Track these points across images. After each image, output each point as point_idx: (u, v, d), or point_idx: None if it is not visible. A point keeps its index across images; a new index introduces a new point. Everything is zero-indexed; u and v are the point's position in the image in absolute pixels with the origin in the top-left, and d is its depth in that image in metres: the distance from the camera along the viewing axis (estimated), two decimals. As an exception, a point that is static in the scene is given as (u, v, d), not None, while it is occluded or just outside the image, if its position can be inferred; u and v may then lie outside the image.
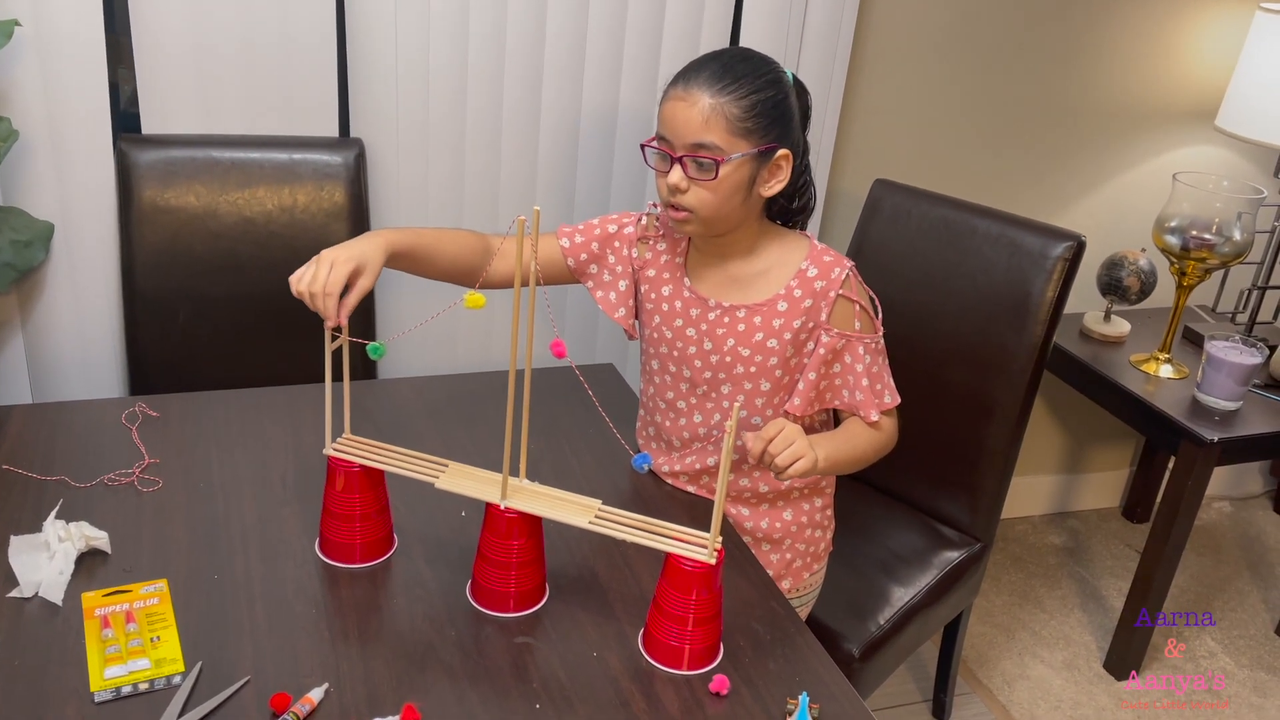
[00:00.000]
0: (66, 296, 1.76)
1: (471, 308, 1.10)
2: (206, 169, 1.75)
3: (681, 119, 1.28)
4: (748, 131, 1.29)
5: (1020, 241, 1.76)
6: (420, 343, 2.00)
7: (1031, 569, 2.61)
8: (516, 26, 1.81)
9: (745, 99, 1.28)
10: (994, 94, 2.26)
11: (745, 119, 1.28)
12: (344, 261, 1.21)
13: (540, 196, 1.96)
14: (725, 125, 1.27)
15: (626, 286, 1.48)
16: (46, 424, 1.48)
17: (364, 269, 1.23)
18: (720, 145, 1.28)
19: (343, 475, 1.23)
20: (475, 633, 1.18)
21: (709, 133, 1.28)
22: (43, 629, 1.12)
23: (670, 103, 1.30)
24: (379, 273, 1.25)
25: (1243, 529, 2.88)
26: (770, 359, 1.39)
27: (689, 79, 1.29)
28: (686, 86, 1.29)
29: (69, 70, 1.64)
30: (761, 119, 1.29)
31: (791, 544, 1.52)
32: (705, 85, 1.28)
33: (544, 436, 1.58)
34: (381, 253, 1.26)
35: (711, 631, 1.16)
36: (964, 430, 1.83)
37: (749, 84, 1.28)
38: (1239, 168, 2.51)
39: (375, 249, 1.26)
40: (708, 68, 1.29)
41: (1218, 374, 2.06)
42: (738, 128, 1.28)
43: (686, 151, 1.29)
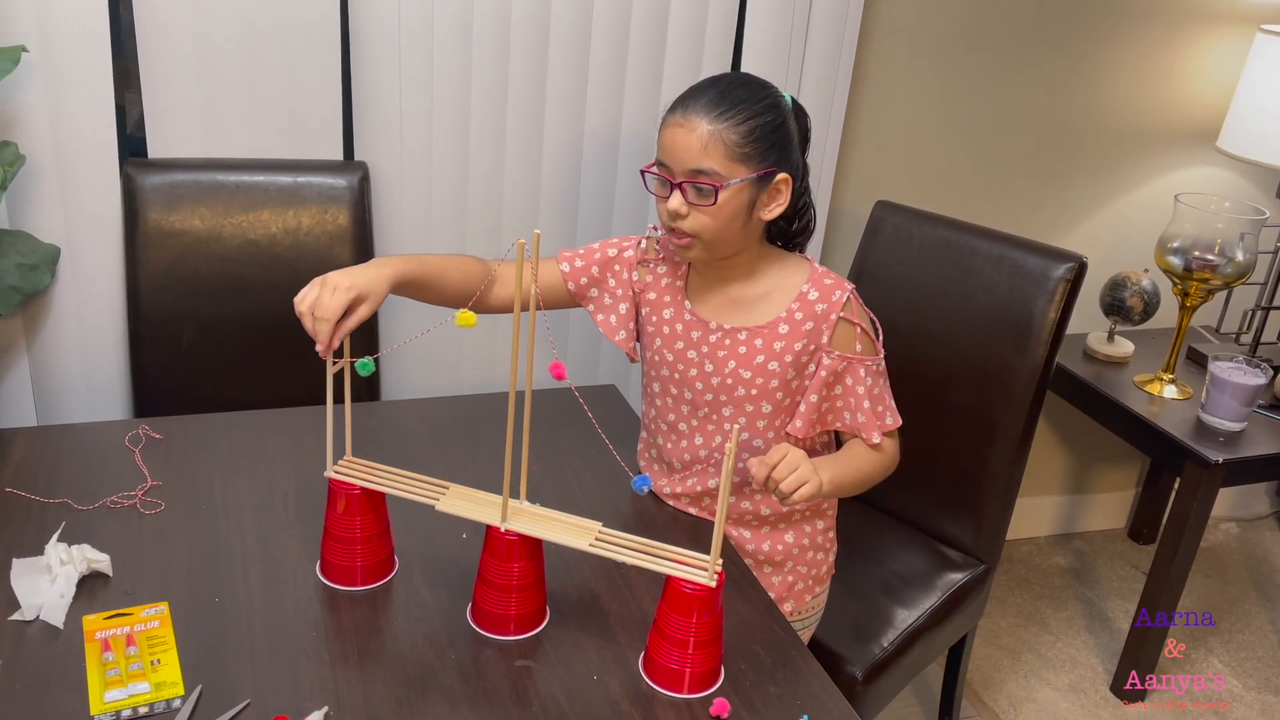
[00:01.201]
0: (71, 319, 1.77)
1: (462, 326, 1.11)
2: (211, 192, 1.76)
3: (680, 145, 1.29)
4: (746, 157, 1.29)
5: (1022, 262, 1.77)
6: (423, 364, 2.01)
7: (1037, 590, 2.60)
8: (519, 51, 1.83)
9: (743, 124, 1.28)
10: (995, 115, 2.27)
11: (743, 144, 1.28)
12: (346, 289, 1.21)
13: (543, 219, 1.97)
14: (723, 151, 1.28)
15: (627, 309, 1.49)
16: (50, 447, 1.48)
17: (366, 297, 1.23)
18: (719, 171, 1.28)
19: (344, 498, 1.23)
20: (475, 656, 1.18)
21: (707, 159, 1.28)
22: (43, 652, 1.12)
23: (669, 129, 1.31)
24: (381, 302, 1.25)
25: (1249, 550, 2.86)
26: (771, 381, 1.39)
27: (687, 105, 1.29)
28: (685, 113, 1.29)
29: (76, 95, 1.65)
30: (760, 144, 1.30)
31: (794, 566, 1.52)
32: (703, 111, 1.28)
33: (545, 458, 1.58)
34: (386, 283, 1.27)
35: (712, 654, 1.16)
36: (967, 451, 1.83)
37: (746, 109, 1.29)
38: (1241, 188, 2.51)
39: (380, 278, 1.26)
40: (705, 94, 1.30)
41: (1222, 395, 2.06)
42: (736, 153, 1.28)
43: (686, 178, 1.30)
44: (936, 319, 1.84)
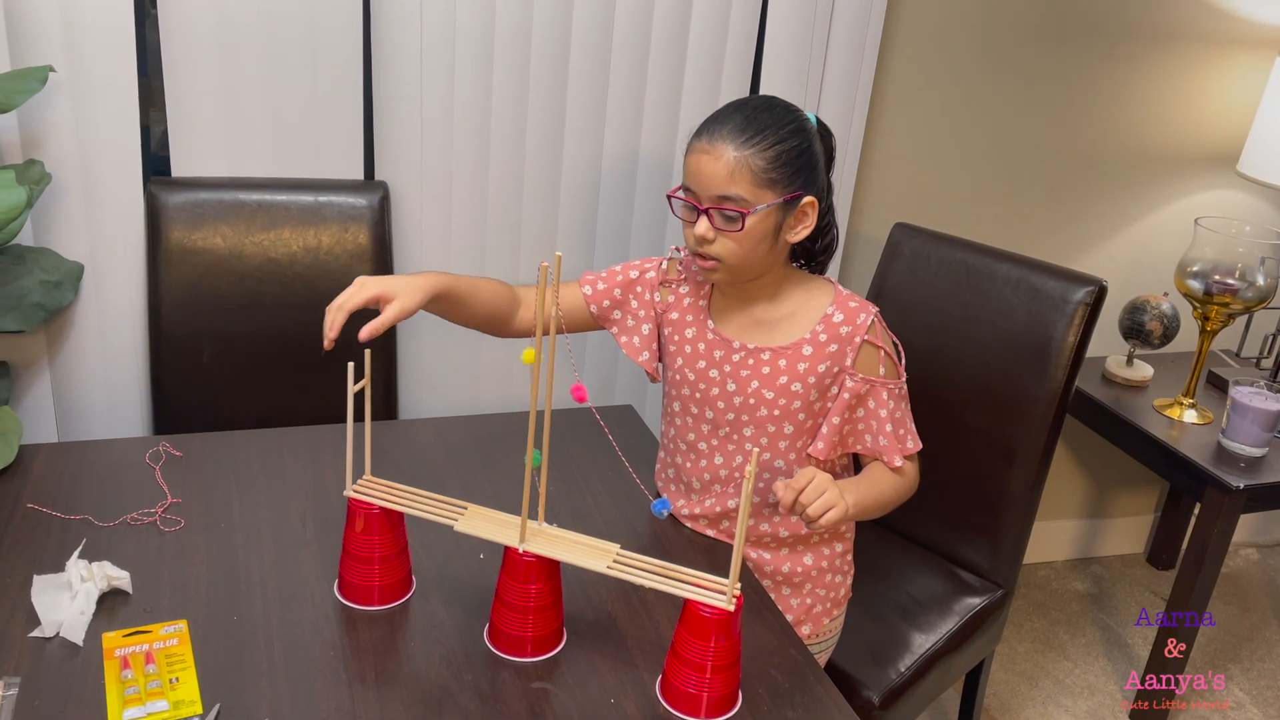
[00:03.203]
0: (94, 336, 1.79)
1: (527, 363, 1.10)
2: (233, 211, 1.77)
3: (707, 172, 1.29)
4: (773, 182, 1.29)
5: (1041, 286, 1.76)
6: (441, 383, 2.01)
7: (1054, 616, 2.58)
8: (539, 72, 1.84)
9: (769, 150, 1.28)
10: (1014, 138, 2.27)
11: (770, 170, 1.29)
12: (373, 285, 1.24)
13: (561, 241, 1.98)
14: (750, 177, 1.28)
15: (650, 330, 1.49)
16: (71, 463, 1.49)
17: (394, 297, 1.24)
18: (746, 197, 1.29)
19: (362, 517, 1.23)
20: (492, 677, 1.18)
21: (734, 185, 1.28)
22: (63, 669, 1.13)
23: (695, 155, 1.31)
24: (413, 308, 1.26)
25: (1270, 576, 2.84)
26: (794, 402, 1.39)
27: (713, 131, 1.30)
28: (711, 139, 1.29)
29: (102, 115, 1.67)
30: (786, 169, 1.30)
31: (812, 589, 1.51)
32: (729, 138, 1.28)
33: (563, 479, 1.58)
34: (420, 291, 1.28)
35: (730, 679, 1.15)
36: (985, 475, 1.82)
37: (773, 135, 1.29)
38: (1262, 212, 2.50)
39: (414, 285, 1.27)
40: (731, 120, 1.30)
41: (1243, 420, 2.04)
42: (763, 179, 1.28)
43: (712, 203, 1.30)
44: (955, 342, 1.83)
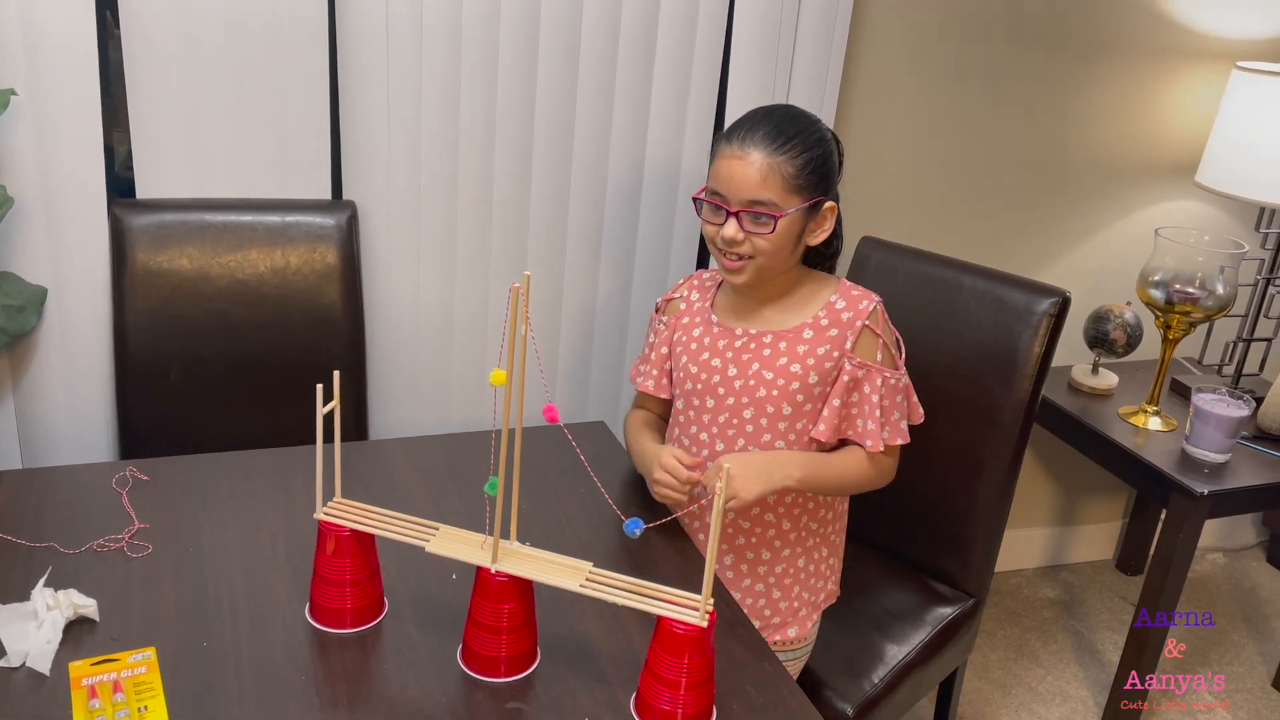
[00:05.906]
0: (58, 361, 1.77)
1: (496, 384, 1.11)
2: (199, 232, 1.76)
3: (739, 176, 1.37)
4: (800, 188, 1.38)
5: (1006, 297, 1.78)
6: (412, 403, 2.00)
7: (1026, 623, 2.60)
8: (506, 92, 1.84)
9: (799, 157, 1.37)
10: (978, 151, 2.29)
11: (799, 176, 1.37)
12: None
13: (531, 260, 1.98)
14: (781, 183, 1.37)
15: (666, 350, 1.57)
16: (36, 490, 1.47)
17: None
18: (777, 201, 1.37)
19: (333, 539, 1.22)
20: (466, 698, 1.17)
21: (766, 190, 1.36)
22: (29, 699, 1.11)
23: (725, 160, 1.38)
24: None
25: (1237, 580, 2.87)
26: (792, 383, 1.44)
27: (744, 138, 1.38)
28: (743, 145, 1.37)
29: (65, 138, 1.66)
30: (813, 175, 1.39)
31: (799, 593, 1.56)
32: (761, 144, 1.36)
33: (535, 497, 1.57)
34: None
35: (704, 695, 1.15)
36: (954, 485, 1.83)
37: (801, 143, 1.38)
38: (1220, 222, 2.54)
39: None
40: (761, 127, 1.38)
41: (1206, 426, 2.07)
42: (792, 184, 1.37)
43: (742, 206, 1.38)
44: (922, 354, 1.85)
